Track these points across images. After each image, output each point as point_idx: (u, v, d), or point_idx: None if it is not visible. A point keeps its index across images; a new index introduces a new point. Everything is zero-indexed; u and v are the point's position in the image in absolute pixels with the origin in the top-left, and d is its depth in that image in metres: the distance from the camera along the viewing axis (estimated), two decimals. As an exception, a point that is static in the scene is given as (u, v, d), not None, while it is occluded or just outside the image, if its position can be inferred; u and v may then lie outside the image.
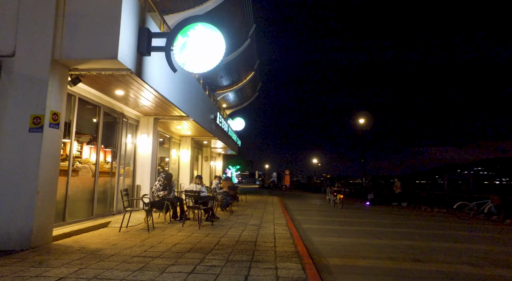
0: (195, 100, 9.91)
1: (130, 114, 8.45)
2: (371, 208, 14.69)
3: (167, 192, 7.65)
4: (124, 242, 5.06)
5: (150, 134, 8.94)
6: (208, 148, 17.88)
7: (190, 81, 9.37)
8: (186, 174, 13.14)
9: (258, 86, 23.48)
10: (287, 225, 7.52)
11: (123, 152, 8.19)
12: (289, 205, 15.35)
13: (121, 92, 6.57)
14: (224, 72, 16.19)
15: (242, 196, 15.62)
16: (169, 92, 7.18)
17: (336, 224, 8.71)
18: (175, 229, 6.42)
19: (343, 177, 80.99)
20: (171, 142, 12.29)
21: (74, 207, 6.13)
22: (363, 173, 21.87)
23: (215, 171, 22.27)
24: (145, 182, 8.71)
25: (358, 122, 26.09)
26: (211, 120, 12.37)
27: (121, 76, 5.51)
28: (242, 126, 23.62)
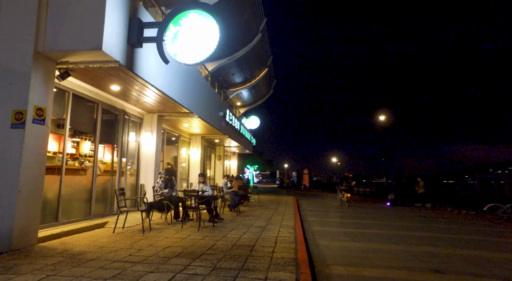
0: (201, 97, 9.58)
1: (132, 112, 8.23)
2: (391, 209, 13.81)
3: (169, 189, 7.37)
4: (112, 244, 4.76)
5: (154, 132, 8.69)
6: (221, 146, 17.59)
7: (195, 77, 9.04)
8: (196, 172, 12.84)
9: (273, 83, 22.95)
10: (294, 227, 7.00)
11: (125, 150, 7.97)
12: (304, 205, 14.76)
13: (117, 88, 6.31)
14: (235, 68, 15.81)
15: (255, 195, 15.19)
16: (168, 88, 6.86)
17: (350, 226, 8.07)
18: (172, 231, 6.09)
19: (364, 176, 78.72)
20: (180, 140, 12.05)
21: (68, 207, 5.93)
22: (384, 172, 20.81)
23: (230, 170, 21.98)
24: (149, 181, 8.47)
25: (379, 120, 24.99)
26: (220, 118, 12.02)
27: (111, 70, 5.22)
28: (257, 125, 23.17)
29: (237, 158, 22.68)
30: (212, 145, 16.50)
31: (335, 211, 12.19)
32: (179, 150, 12.15)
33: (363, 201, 19.79)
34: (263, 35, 14.47)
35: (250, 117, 23.24)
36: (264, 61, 17.38)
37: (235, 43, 13.32)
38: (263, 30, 14.33)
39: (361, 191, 27.74)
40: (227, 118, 12.59)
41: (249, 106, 23.42)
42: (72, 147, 7.78)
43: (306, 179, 37.19)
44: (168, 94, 6.82)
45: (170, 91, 6.95)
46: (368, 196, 25.28)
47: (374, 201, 19.78)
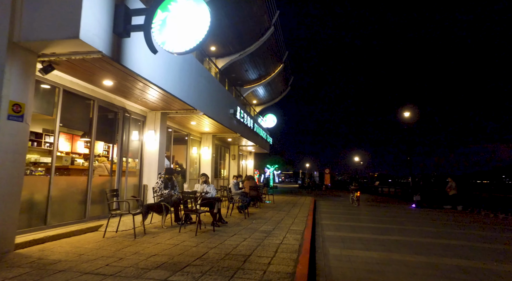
0: (207, 93, 9.12)
1: (134, 109, 7.90)
2: (416, 211, 12.73)
3: (169, 189, 6.96)
4: (95, 251, 4.36)
5: (158, 130, 8.33)
6: (235, 146, 17.13)
7: (200, 72, 8.59)
8: (207, 172, 12.39)
9: (290, 80, 22.20)
10: (303, 232, 6.35)
11: (126, 149, 7.65)
12: (322, 206, 13.97)
13: (110, 83, 5.95)
14: (248, 64, 15.26)
15: (270, 196, 14.59)
16: (166, 82, 6.43)
17: (368, 232, 7.29)
18: (168, 235, 5.63)
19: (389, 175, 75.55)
20: (190, 140, 11.69)
21: (60, 209, 5.63)
22: (409, 171, 19.51)
23: (246, 170, 21.49)
24: (152, 181, 8.10)
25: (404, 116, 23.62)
26: (231, 116, 11.52)
27: (95, 61, 4.83)
28: (274, 123, 22.52)
29: (254, 157, 22.15)
30: (225, 144, 16.08)
31: (353, 213, 11.34)
32: (189, 149, 11.79)
33: (386, 202, 18.63)
34: (276, 28, 13.83)
35: (267, 116, 22.65)
36: (279, 56, 16.71)
37: (246, 37, 12.78)
38: (276, 24, 13.68)
39: (385, 191, 26.36)
40: (238, 116, 12.08)
41: (265, 105, 22.81)
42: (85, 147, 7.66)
43: (327, 179, 36.07)
44: (165, 89, 6.39)
45: (168, 86, 6.52)
46: (392, 196, 23.93)
47: (398, 202, 18.58)
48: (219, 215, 7.10)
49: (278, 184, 65.12)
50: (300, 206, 12.58)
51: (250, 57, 14.42)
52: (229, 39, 12.34)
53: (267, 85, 19.15)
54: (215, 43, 12.55)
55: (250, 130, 14.77)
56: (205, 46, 12.67)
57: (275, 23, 13.44)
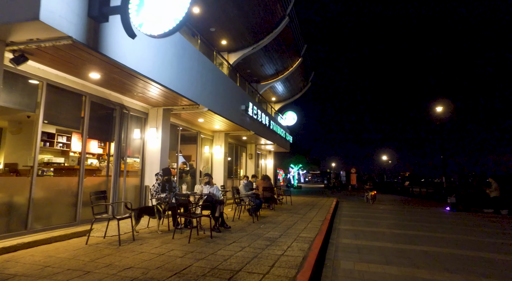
0: (213, 88, 8.53)
1: (133, 106, 7.47)
2: (451, 215, 11.37)
3: (167, 192, 6.43)
4: (65, 262, 3.86)
5: (159, 128, 7.85)
6: (252, 144, 16.48)
7: (204, 65, 8.01)
8: (219, 172, 11.91)
9: (310, 76, 21.18)
10: (313, 240, 5.54)
11: (124, 148, 7.23)
12: (344, 208, 12.95)
13: (97, 76, 5.49)
14: (263, 59, 14.52)
15: (288, 197, 13.78)
16: (160, 74, 5.89)
17: (391, 240, 6.33)
18: (158, 242, 5.07)
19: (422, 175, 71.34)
20: (200, 138, 11.18)
21: (45, 212, 5.25)
22: (443, 170, 17.87)
23: (266, 170, 20.76)
24: (153, 182, 7.61)
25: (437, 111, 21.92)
26: (242, 112, 10.87)
27: (71, 50, 4.35)
28: (294, 121, 21.60)
29: (273, 157, 21.38)
30: (241, 142, 15.47)
31: (377, 217, 10.27)
32: (200, 148, 11.29)
33: (417, 203, 17.14)
34: (292, 19, 12.98)
35: (287, 113, 21.78)
36: (297, 50, 15.83)
37: (258, 29, 12.03)
38: (291, 14, 12.85)
39: (415, 192, 24.53)
40: (251, 112, 11.40)
41: (285, 102, 21.94)
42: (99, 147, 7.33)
43: (353, 179, 34.44)
44: (159, 82, 5.85)
45: (163, 78, 5.98)
46: (424, 198, 22.17)
47: (431, 204, 17.02)
48: (221, 219, 6.47)
49: (303, 184, 63.76)
50: (319, 208, 11.67)
51: (265, 50, 13.67)
52: (240, 32, 11.68)
53: (285, 81, 18.29)
54: (225, 36, 11.94)
55: (266, 128, 14.04)
56: (215, 40, 12.12)
57: (290, 13, 12.60)
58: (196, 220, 6.26)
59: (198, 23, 10.46)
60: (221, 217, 6.49)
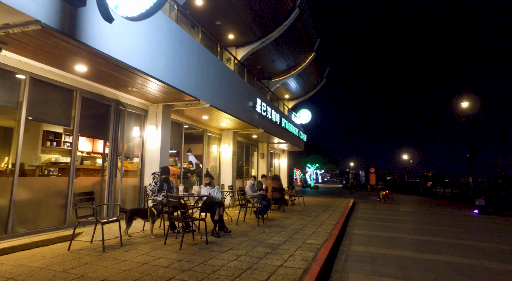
0: (216, 83, 8.05)
1: (131, 102, 7.10)
2: (479, 219, 10.37)
3: (164, 193, 6.00)
4: (32, 273, 3.46)
5: (159, 125, 7.45)
6: (263, 143, 15.92)
7: (205, 58, 7.54)
8: (227, 172, 11.44)
9: (325, 71, 20.36)
10: (320, 248, 4.93)
11: (121, 146, 6.87)
12: (360, 210, 12.17)
13: (83, 68, 5.12)
14: (273, 54, 13.90)
15: (300, 198, 13.14)
16: (153, 66, 5.45)
17: (410, 248, 5.61)
18: (147, 249, 4.62)
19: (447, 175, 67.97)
20: (206, 136, 10.74)
21: (29, 215, 4.93)
22: (470, 170, 16.63)
23: (279, 170, 20.15)
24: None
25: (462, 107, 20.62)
26: (250, 109, 10.34)
27: (44, 37, 3.96)
28: (308, 119, 20.86)
29: (287, 156, 20.72)
30: (252, 141, 14.94)
31: (396, 220, 9.47)
32: (207, 147, 10.86)
33: (441, 205, 16.04)
34: (302, 11, 12.31)
35: (301, 111, 21.07)
36: (309, 44, 15.12)
37: (266, 21, 11.41)
38: (302, 6, 12.18)
39: (439, 193, 23.15)
40: (259, 109, 10.85)
41: (299, 99, 21.21)
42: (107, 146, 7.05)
43: (373, 179, 33.13)
44: (151, 74, 5.40)
45: (157, 71, 5.54)
46: (449, 199, 20.85)
47: (457, 206, 15.87)
48: (220, 224, 5.96)
49: (321, 184, 62.49)
50: (333, 209, 10.97)
51: (275, 45, 13.05)
52: (247, 25, 11.14)
53: (298, 77, 17.60)
54: (232, 30, 11.43)
55: (277, 125, 13.44)
56: (221, 34, 11.64)
57: (300, 5, 11.95)
58: (192, 223, 5.81)
59: (202, 16, 10.02)
60: (221, 221, 5.99)
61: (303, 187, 37.02)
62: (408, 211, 12.75)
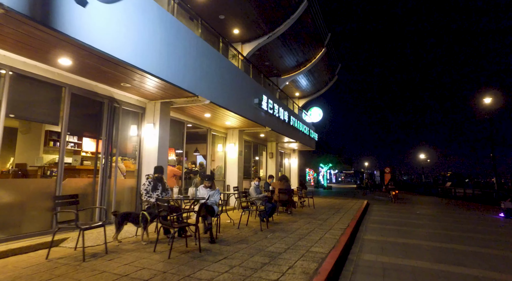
0: (218, 77, 7.63)
1: (126, 99, 6.76)
2: (507, 224, 9.53)
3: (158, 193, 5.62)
4: (-2, 285, 3.11)
5: (157, 123, 7.08)
6: (272, 142, 15.41)
7: (205, 52, 7.13)
8: (233, 173, 11.00)
9: (336, 68, 19.63)
10: (325, 257, 4.40)
11: (116, 146, 6.54)
12: (374, 213, 11.50)
13: (68, 61, 4.77)
14: (281, 49, 13.33)
15: (310, 199, 12.55)
16: (144, 60, 5.07)
17: (429, 257, 5.00)
18: (133, 257, 4.22)
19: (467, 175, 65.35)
20: (211, 135, 10.33)
21: (10, 219, 4.62)
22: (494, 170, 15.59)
23: (290, 171, 19.57)
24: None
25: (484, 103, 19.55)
26: (255, 106, 9.86)
27: (12, 24, 3.59)
28: (320, 117, 20.22)
29: (298, 155, 20.11)
30: (260, 140, 14.46)
31: (413, 225, 8.78)
32: (211, 147, 10.45)
33: (463, 207, 15.11)
34: (311, 3, 11.74)
35: (312, 109, 20.45)
36: (319, 39, 14.49)
37: (273, 14, 10.89)
38: (311, -3, 11.62)
39: (459, 194, 22.00)
40: (265, 106, 10.36)
41: (310, 97, 20.56)
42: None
43: (388, 179, 32.03)
44: (141, 68, 5.01)
45: (146, 64, 5.15)
46: (470, 200, 19.74)
47: (480, 208, 14.89)
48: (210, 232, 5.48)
49: (335, 184, 61.32)
50: (344, 212, 10.36)
51: (282, 40, 12.52)
52: (252, 19, 10.65)
53: (308, 74, 16.98)
54: (237, 25, 10.95)
55: (285, 124, 12.91)
56: (225, 29, 11.18)
57: (308, -4, 11.39)
58: (188, 228, 5.41)
59: (205, 10, 9.60)
60: (210, 231, 5.49)
61: (315, 187, 36.25)
62: (425, 213, 11.97)
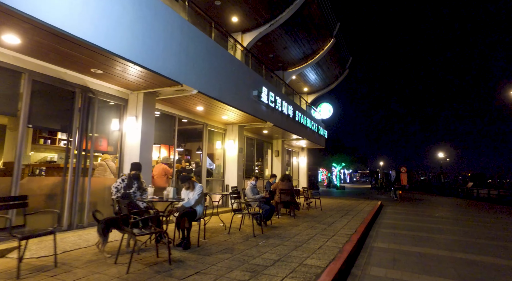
0: (208, 66, 6.87)
1: (104, 89, 6.10)
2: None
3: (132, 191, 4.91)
4: None
5: (139, 116, 6.39)
6: (278, 140, 14.55)
7: (194, 37, 6.39)
8: (232, 172, 10.24)
9: (347, 61, 18.55)
10: (320, 274, 3.56)
11: (92, 141, 5.88)
12: (387, 216, 10.49)
13: (15, 39, 4.10)
14: (285, 39, 12.41)
15: (317, 200, 11.64)
16: (112, 39, 4.36)
17: (451, 274, 4.07)
18: (84, 272, 3.49)
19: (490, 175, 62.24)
20: (206, 131, 9.60)
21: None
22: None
23: (298, 169, 18.64)
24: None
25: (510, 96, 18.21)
26: (255, 99, 9.06)
27: None
28: (330, 113, 19.19)
29: (307, 154, 19.14)
30: (264, 137, 13.63)
31: (431, 230, 7.77)
32: (207, 144, 9.72)
33: (487, 210, 13.82)
34: (316, -13, 10.84)
35: (321, 105, 19.45)
36: (327, 28, 13.51)
37: (274, 0, 10.07)
38: (316, -18, 10.72)
39: (482, 195, 20.48)
40: (265, 99, 9.54)
41: (319, 92, 19.53)
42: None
43: (404, 179, 30.58)
44: (104, 48, 4.30)
45: (115, 45, 4.44)
46: (495, 201, 18.26)
47: (507, 211, 13.56)
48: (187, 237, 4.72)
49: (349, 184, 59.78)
50: (354, 214, 9.42)
51: (286, 28, 11.63)
52: (251, 4, 9.82)
53: (316, 67, 16.01)
54: (235, 11, 10.12)
55: (290, 119, 12.04)
56: (223, 17, 10.36)
57: (313, -20, 10.49)
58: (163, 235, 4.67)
59: (198, -6, 8.88)
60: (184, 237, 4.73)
61: (327, 187, 35.10)
62: (446, 216, 10.85)
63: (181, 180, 4.99)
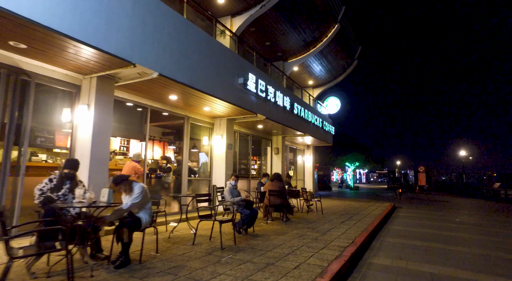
0: (174, 44, 5.81)
1: (47, 73, 5.16)
2: None
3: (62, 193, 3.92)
4: None
5: (92, 105, 5.41)
6: (278, 136, 13.36)
7: (150, 8, 5.35)
8: (220, 171, 9.16)
9: (356, 51, 17.10)
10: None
11: (27, 135, 4.94)
12: (399, 220, 9.14)
13: None
14: (281, 24, 11.10)
15: (318, 202, 10.37)
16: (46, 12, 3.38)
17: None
18: None
19: None
20: (188, 124, 8.54)
21: None
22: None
23: (303, 168, 17.35)
24: (85, 183, 5.20)
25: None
26: (241, 87, 7.94)
27: None
28: (337, 108, 17.78)
29: (313, 152, 17.81)
30: (261, 133, 12.48)
31: (450, 240, 6.42)
32: (188, 139, 8.68)
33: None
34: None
35: (328, 99, 18.09)
36: (330, 11, 12.18)
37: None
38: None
39: (510, 196, 18.50)
40: (252, 88, 8.39)
41: (326, 85, 18.12)
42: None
43: (422, 179, 28.59)
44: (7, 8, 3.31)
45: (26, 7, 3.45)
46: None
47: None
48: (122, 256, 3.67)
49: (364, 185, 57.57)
50: (358, 219, 8.15)
51: (280, 10, 10.36)
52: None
53: (320, 56, 14.67)
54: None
55: (288, 112, 10.84)
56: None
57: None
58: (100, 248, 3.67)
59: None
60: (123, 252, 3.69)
61: (339, 187, 33.53)
62: (468, 222, 9.36)
63: (113, 182, 3.91)
